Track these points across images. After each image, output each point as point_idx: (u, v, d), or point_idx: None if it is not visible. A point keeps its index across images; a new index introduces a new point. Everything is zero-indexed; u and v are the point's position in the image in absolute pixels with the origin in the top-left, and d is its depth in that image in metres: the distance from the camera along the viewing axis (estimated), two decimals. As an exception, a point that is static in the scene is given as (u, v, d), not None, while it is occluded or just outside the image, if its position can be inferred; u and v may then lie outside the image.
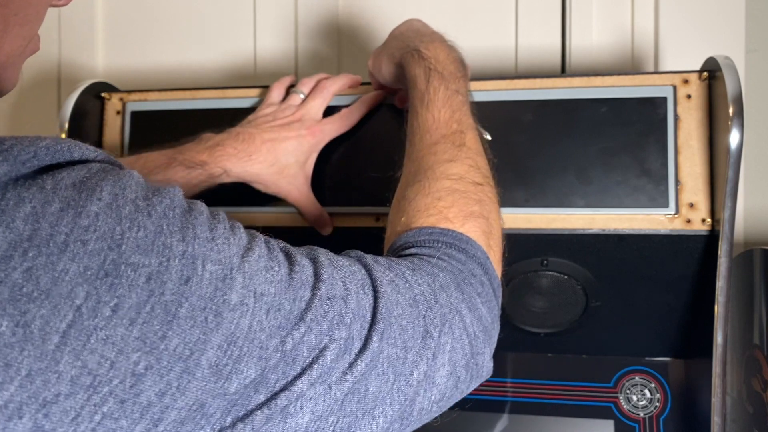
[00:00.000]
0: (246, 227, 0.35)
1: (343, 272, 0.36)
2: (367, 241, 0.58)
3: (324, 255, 0.38)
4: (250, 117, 0.69)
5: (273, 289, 0.32)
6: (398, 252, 0.43)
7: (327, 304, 0.34)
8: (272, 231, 0.69)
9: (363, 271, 0.38)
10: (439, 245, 0.42)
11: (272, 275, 0.33)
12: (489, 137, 0.59)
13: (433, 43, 0.56)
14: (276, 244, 0.37)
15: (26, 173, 0.28)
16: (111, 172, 0.31)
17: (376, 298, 0.37)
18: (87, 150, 0.32)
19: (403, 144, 0.56)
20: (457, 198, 0.45)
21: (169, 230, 0.30)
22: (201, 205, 0.33)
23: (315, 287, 0.34)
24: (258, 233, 0.37)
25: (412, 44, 0.57)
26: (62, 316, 0.26)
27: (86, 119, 0.76)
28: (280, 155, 0.65)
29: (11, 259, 0.26)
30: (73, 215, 0.28)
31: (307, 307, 0.33)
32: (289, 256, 0.36)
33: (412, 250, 0.42)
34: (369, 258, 0.40)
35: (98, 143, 0.77)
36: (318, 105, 0.69)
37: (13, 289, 0.26)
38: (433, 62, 0.54)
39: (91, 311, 0.27)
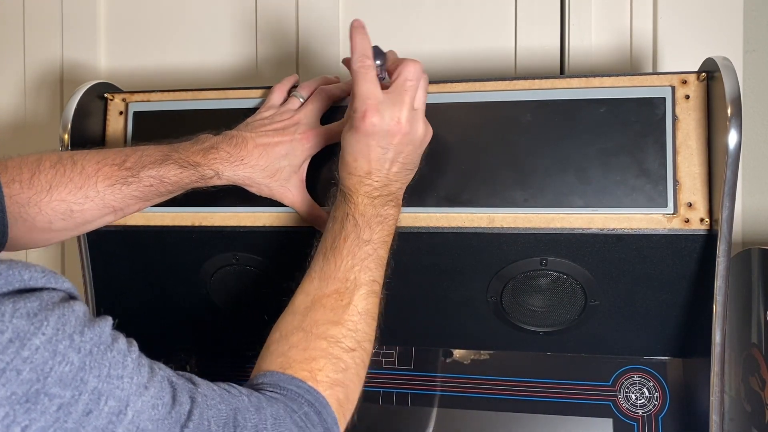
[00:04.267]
0: (246, 229, 0.37)
1: (212, 411, 0.43)
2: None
3: (201, 393, 0.44)
4: (249, 119, 0.69)
5: (152, 426, 0.39)
6: (267, 387, 0.50)
7: None
8: (272, 231, 0.70)
9: (229, 409, 0.44)
10: (302, 402, 0.49)
11: (155, 413, 0.39)
12: None
13: (368, 179, 0.59)
14: (168, 380, 0.42)
15: None
16: (58, 305, 0.36)
17: None
18: (36, 273, 0.37)
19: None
20: (327, 363, 0.53)
21: (89, 366, 0.36)
22: (122, 341, 0.40)
23: (185, 425, 0.41)
24: (158, 367, 0.42)
25: (353, 180, 0.60)
26: None
27: (89, 120, 0.76)
28: (273, 159, 0.65)
29: None
30: (18, 346, 0.33)
31: None
32: (174, 392, 0.42)
33: (277, 394, 0.49)
34: (242, 398, 0.46)
35: (101, 143, 0.77)
36: (316, 110, 0.69)
37: None
38: (353, 208, 0.59)
39: (6, 428, 0.32)
